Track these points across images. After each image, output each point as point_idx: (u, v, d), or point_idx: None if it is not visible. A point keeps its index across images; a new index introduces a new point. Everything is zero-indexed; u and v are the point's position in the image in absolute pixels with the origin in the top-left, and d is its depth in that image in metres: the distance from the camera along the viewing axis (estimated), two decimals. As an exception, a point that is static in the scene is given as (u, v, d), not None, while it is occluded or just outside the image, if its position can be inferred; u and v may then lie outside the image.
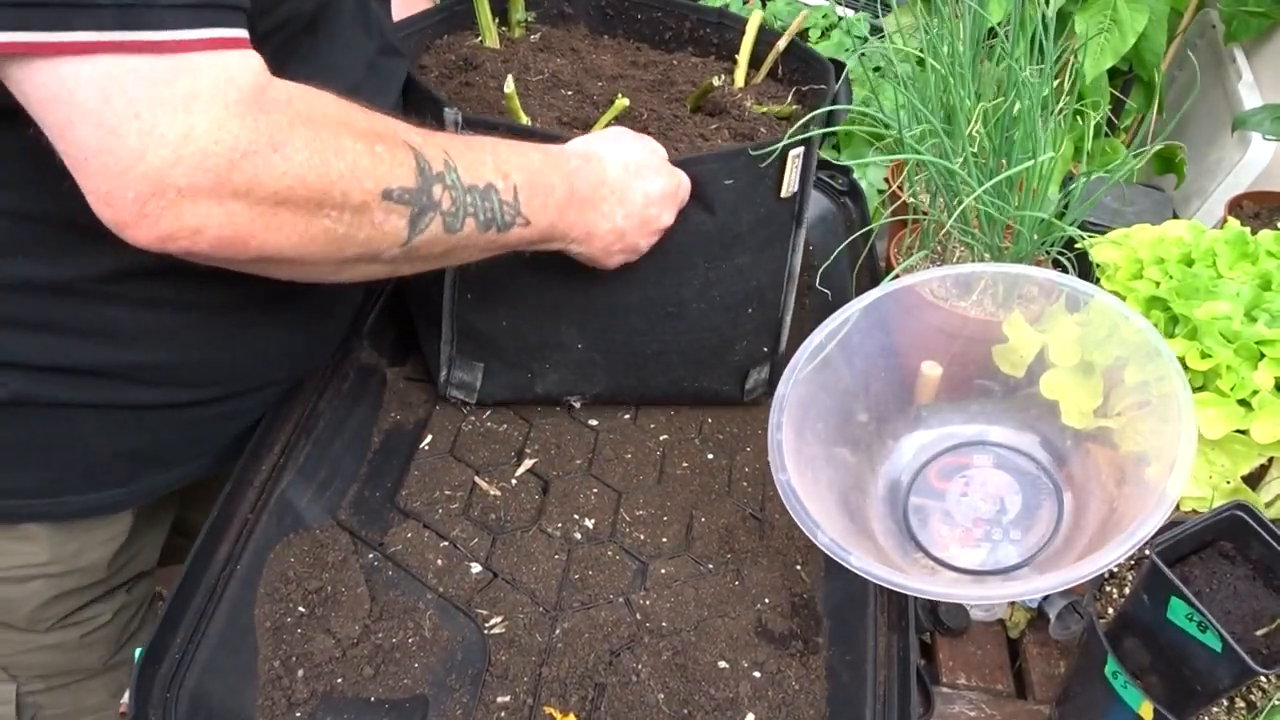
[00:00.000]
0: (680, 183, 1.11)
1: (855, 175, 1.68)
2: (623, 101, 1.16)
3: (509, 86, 1.12)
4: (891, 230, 1.55)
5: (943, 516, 1.12)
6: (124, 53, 0.73)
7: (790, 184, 1.19)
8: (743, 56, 1.35)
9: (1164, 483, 0.91)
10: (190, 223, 0.78)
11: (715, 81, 1.24)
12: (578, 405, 1.30)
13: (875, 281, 1.30)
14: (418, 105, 1.13)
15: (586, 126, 1.20)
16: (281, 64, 0.86)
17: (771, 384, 1.37)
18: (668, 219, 1.11)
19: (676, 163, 1.12)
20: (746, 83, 1.35)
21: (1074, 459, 1.12)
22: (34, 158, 0.79)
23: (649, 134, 1.15)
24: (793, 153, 1.16)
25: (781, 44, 1.35)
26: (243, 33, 0.80)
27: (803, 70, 1.35)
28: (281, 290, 0.96)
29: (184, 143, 0.75)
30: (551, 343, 1.23)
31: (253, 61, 0.80)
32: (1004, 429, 1.17)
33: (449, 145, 0.95)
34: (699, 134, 1.22)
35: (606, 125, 1.18)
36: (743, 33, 1.36)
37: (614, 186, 1.07)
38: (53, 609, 1.17)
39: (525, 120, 1.16)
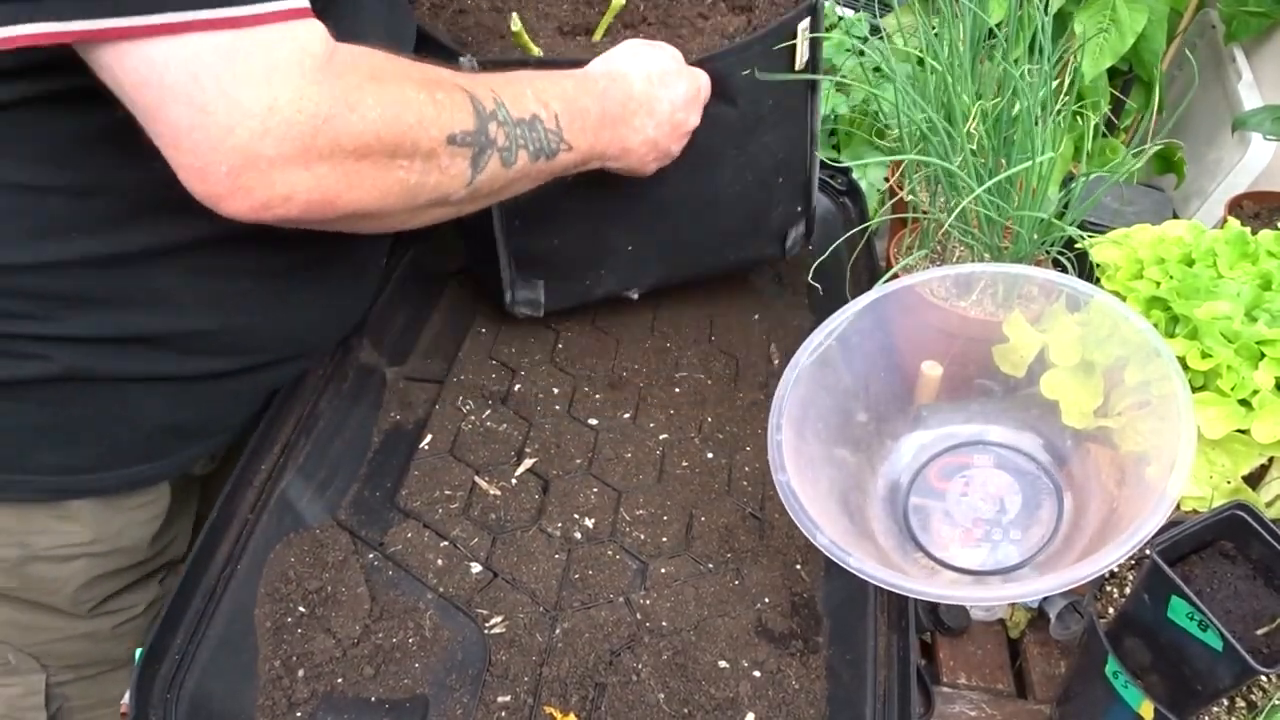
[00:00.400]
0: (701, 84, 1.17)
1: (855, 175, 1.68)
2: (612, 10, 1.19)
3: (515, 24, 1.15)
4: (891, 230, 1.55)
5: (943, 516, 1.12)
6: (210, 30, 0.77)
7: (802, 54, 1.21)
8: None
9: (1164, 483, 0.91)
10: (282, 190, 0.84)
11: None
12: (635, 297, 1.36)
13: (874, 281, 1.30)
14: (431, 55, 1.13)
15: (588, 31, 1.22)
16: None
17: (808, 237, 1.45)
18: (694, 120, 1.17)
19: (694, 62, 1.17)
20: None
21: (1074, 459, 1.12)
22: (99, 138, 0.83)
23: (648, 23, 1.19)
24: (801, 25, 1.17)
25: None
26: (306, 1, 0.84)
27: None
28: (319, 256, 1.02)
29: (269, 114, 0.80)
30: (602, 251, 1.29)
31: (319, 29, 0.84)
32: (1004, 429, 1.17)
33: (493, 83, 1.00)
34: (698, 14, 1.23)
35: (607, 27, 1.22)
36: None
37: (641, 100, 1.12)
38: (94, 590, 1.18)
39: (537, 52, 1.18)
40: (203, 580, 1.00)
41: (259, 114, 0.80)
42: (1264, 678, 0.96)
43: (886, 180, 1.71)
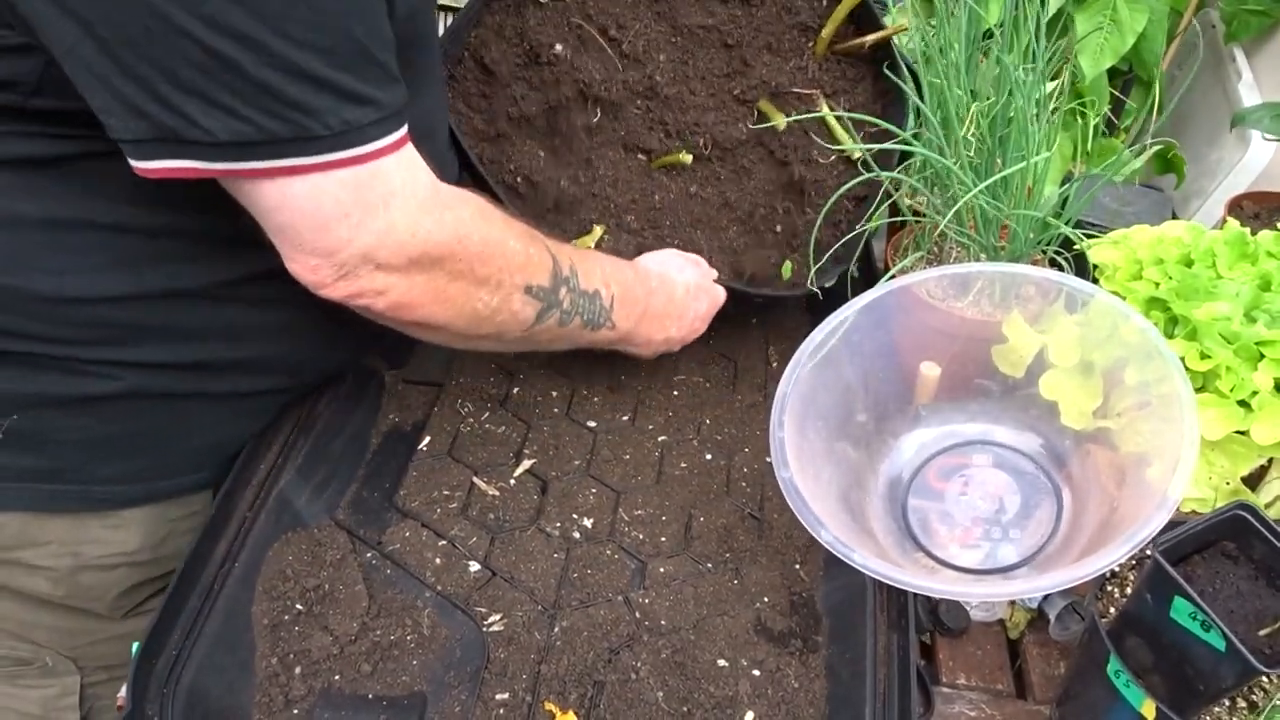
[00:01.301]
0: (718, 301, 1.31)
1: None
2: (593, 236, 1.32)
3: (593, 239, 1.32)
4: (889, 232, 1.54)
5: (941, 516, 1.11)
6: (333, 169, 0.87)
7: None
8: (827, 30, 1.36)
9: (1166, 484, 0.91)
10: (378, 285, 0.95)
11: (780, 123, 1.33)
12: None
13: (872, 284, 1.30)
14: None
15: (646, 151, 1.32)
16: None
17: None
18: (702, 328, 1.31)
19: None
20: (826, 48, 1.37)
21: (1073, 459, 1.11)
22: (173, 185, 0.87)
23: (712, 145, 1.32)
24: None
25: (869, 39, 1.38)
26: (406, 126, 0.93)
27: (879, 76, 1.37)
28: None
29: (387, 233, 0.92)
30: None
31: (423, 162, 0.96)
32: (1003, 429, 1.17)
33: (573, 254, 1.13)
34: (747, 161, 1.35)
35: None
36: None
37: (678, 306, 1.26)
38: (131, 595, 1.20)
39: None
40: (200, 577, 1.00)
41: (376, 231, 0.91)
42: (1266, 678, 0.96)
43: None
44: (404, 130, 0.92)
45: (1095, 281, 1.20)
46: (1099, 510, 1.04)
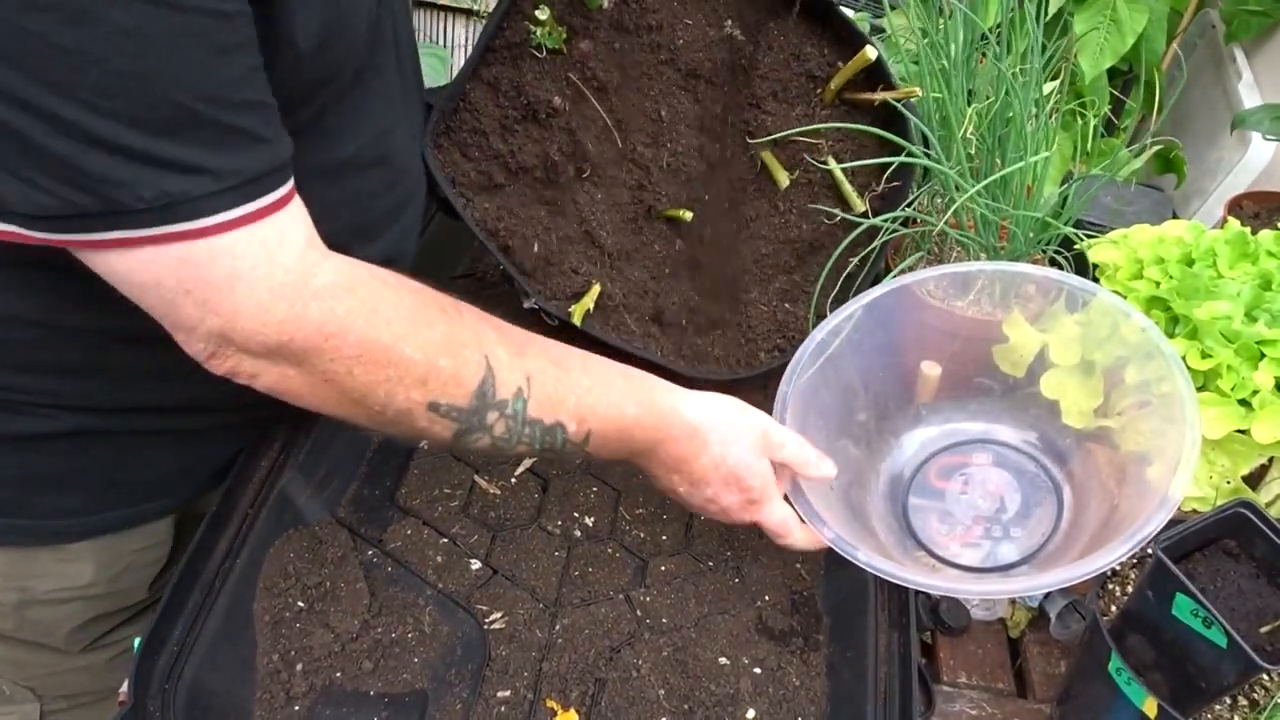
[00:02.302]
0: (761, 516, 1.04)
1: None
2: (591, 295, 1.26)
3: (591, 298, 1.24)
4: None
5: (942, 515, 1.11)
6: (161, 244, 0.77)
7: None
8: (836, 81, 1.30)
9: (1167, 483, 0.91)
10: (247, 369, 0.84)
11: (783, 181, 1.28)
12: None
13: (874, 282, 1.30)
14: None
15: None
16: (320, 114, 0.92)
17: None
18: (721, 519, 1.07)
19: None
20: (834, 97, 1.32)
21: (1074, 458, 1.11)
22: None
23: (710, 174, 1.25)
24: None
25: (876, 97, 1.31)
26: (282, 191, 0.82)
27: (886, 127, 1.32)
28: None
29: (233, 318, 0.80)
30: None
31: (295, 233, 0.83)
32: (1004, 428, 1.17)
33: (538, 372, 0.93)
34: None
35: None
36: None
37: (695, 472, 1.02)
38: (88, 630, 1.17)
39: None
40: (201, 573, 0.99)
41: (224, 314, 0.80)
42: (1267, 675, 0.96)
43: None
44: (267, 199, 0.80)
45: (1096, 281, 1.20)
46: (1100, 509, 1.04)
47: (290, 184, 0.84)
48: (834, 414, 1.13)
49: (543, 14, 1.20)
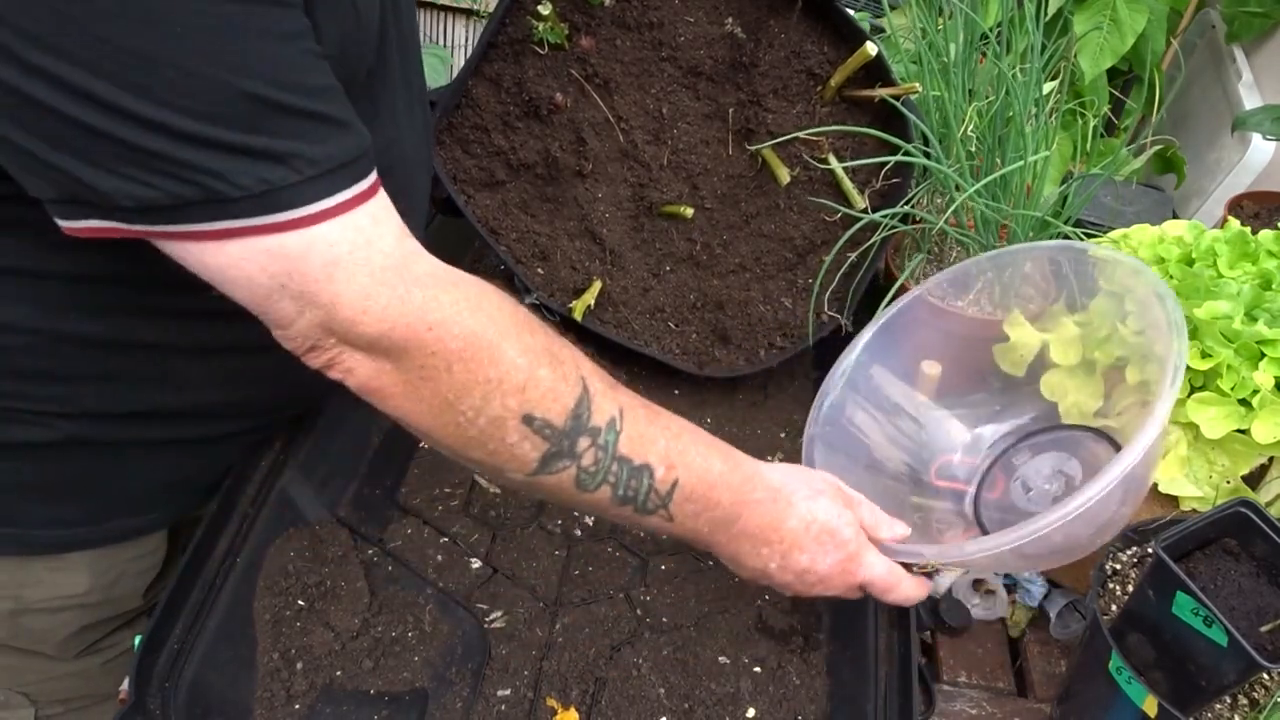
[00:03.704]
0: (860, 577, 0.97)
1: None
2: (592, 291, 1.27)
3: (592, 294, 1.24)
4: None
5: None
6: (260, 235, 0.76)
7: None
8: (836, 79, 1.28)
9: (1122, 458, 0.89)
10: (345, 362, 0.82)
11: (784, 178, 1.27)
12: None
13: (873, 280, 1.31)
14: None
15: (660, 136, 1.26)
16: None
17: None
18: (822, 591, 0.98)
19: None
20: (835, 94, 1.30)
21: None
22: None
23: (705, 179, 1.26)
24: None
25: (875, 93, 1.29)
26: (373, 177, 0.81)
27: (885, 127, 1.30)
28: None
29: (334, 308, 0.78)
30: None
31: (389, 220, 0.82)
32: (1004, 428, 1.17)
33: (630, 407, 0.90)
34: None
35: None
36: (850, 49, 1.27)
37: (785, 538, 0.95)
38: (82, 638, 1.17)
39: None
40: (202, 572, 0.99)
41: (324, 306, 0.78)
42: (1267, 674, 0.96)
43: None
44: (359, 186, 0.80)
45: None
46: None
47: (375, 172, 0.83)
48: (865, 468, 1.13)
49: (545, 9, 1.20)
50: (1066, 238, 1.25)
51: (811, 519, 0.95)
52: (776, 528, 0.95)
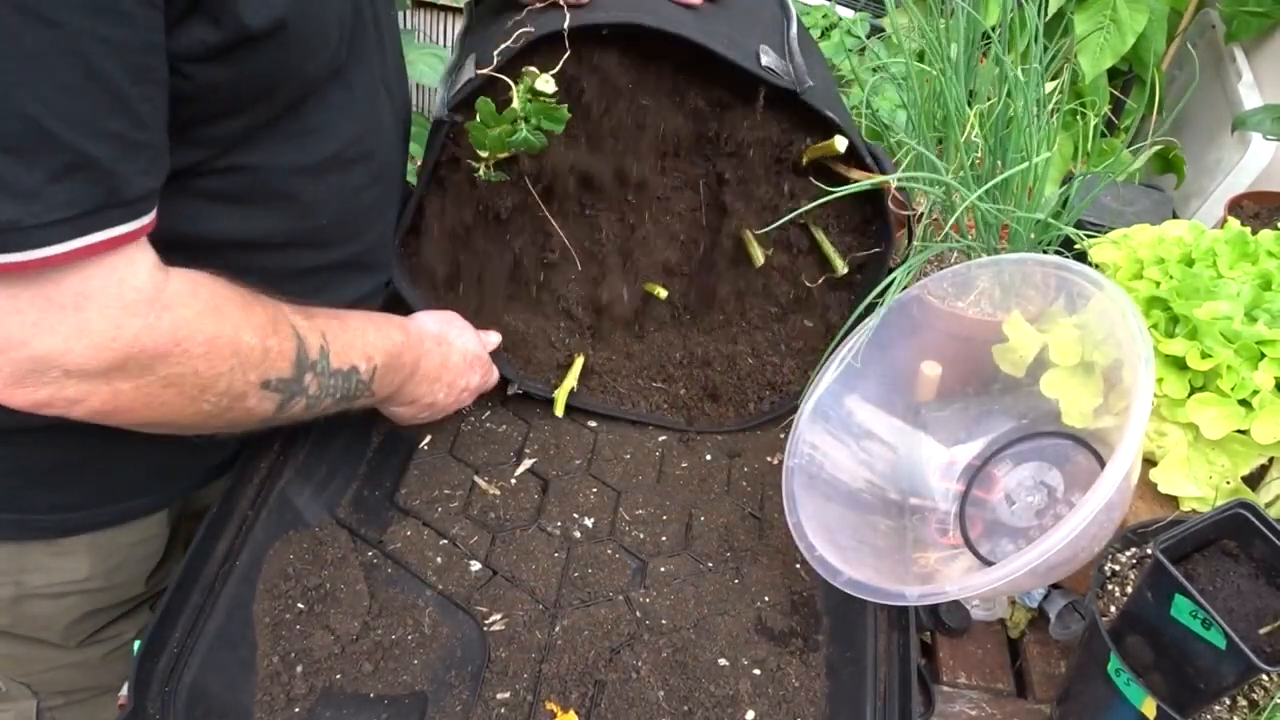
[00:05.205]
0: (492, 380, 1.25)
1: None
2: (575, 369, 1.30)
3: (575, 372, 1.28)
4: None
5: (1011, 535, 1.11)
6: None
7: None
8: (806, 158, 1.21)
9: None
10: (69, 394, 0.80)
11: (758, 259, 1.24)
12: None
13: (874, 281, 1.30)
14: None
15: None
16: (298, 113, 0.94)
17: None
18: (468, 400, 1.22)
19: None
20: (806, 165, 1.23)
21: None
22: None
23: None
24: None
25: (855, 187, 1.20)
26: (135, 225, 0.79)
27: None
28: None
29: (77, 336, 0.77)
30: None
31: (143, 261, 0.81)
32: (1003, 427, 1.17)
33: (328, 328, 0.99)
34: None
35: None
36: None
37: (451, 372, 1.17)
38: (85, 624, 1.18)
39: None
40: (201, 575, 1.00)
41: (64, 333, 0.77)
42: (1266, 676, 0.96)
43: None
44: (124, 228, 0.78)
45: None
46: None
47: (149, 218, 0.81)
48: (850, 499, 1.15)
49: (478, 165, 1.15)
50: (1068, 239, 1.25)
51: (465, 350, 1.19)
52: (446, 365, 1.16)
